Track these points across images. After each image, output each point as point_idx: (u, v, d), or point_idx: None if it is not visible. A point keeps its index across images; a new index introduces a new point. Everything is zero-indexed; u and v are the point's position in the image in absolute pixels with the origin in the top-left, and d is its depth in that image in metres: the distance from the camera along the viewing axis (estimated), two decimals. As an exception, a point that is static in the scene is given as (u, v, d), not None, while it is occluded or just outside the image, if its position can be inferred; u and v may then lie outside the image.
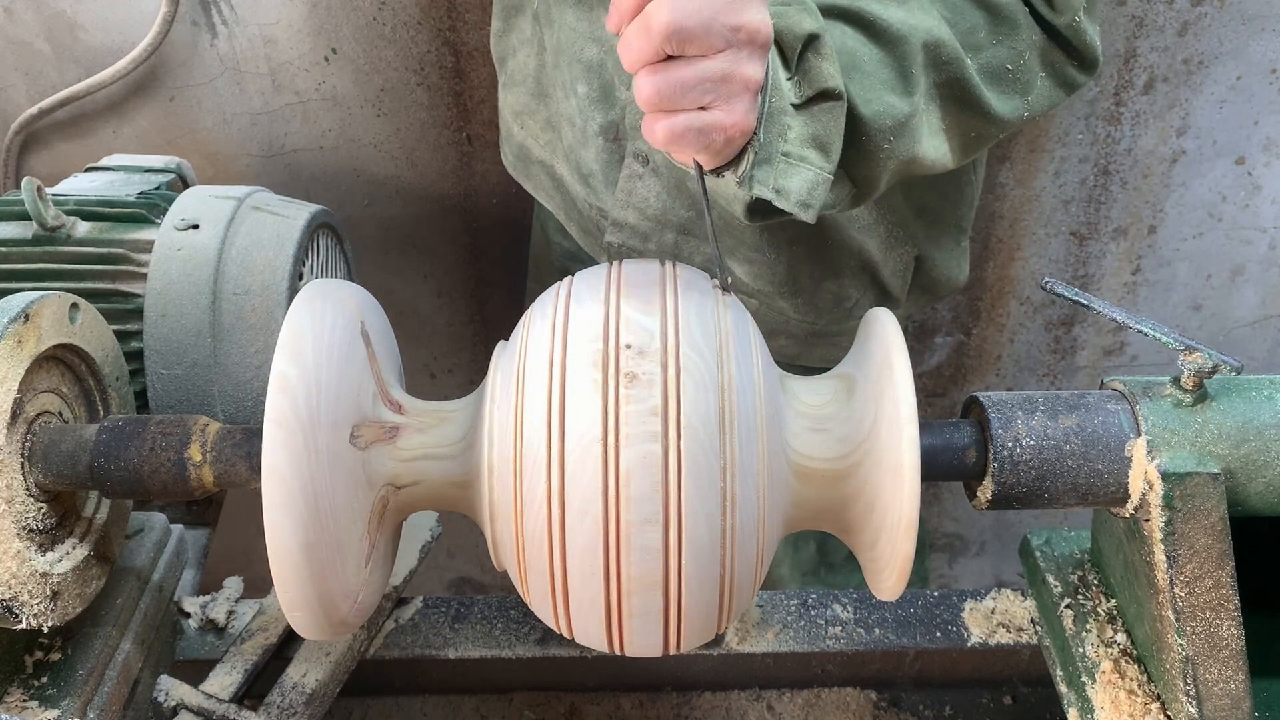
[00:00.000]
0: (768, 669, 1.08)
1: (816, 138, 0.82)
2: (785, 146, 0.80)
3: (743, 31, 0.70)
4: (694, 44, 0.69)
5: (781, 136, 0.80)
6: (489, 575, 2.17)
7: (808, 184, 0.81)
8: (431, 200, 1.66)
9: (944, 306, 1.78)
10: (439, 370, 1.87)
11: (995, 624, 1.04)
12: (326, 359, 0.73)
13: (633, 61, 0.71)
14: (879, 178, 0.89)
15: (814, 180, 0.82)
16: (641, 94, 0.71)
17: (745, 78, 0.72)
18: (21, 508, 0.77)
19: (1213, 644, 0.77)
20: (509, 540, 0.74)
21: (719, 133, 0.72)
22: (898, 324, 0.78)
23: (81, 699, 0.84)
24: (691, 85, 0.70)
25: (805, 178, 0.81)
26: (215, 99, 1.55)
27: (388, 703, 1.12)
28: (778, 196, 0.81)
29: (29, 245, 1.06)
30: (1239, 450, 0.77)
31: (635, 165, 1.12)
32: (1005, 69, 0.93)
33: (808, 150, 0.81)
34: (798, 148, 0.81)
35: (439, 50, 1.52)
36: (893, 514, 0.74)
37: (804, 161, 0.81)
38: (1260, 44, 1.50)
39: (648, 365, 0.70)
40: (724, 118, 0.72)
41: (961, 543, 2.13)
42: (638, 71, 0.71)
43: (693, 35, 0.68)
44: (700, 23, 0.68)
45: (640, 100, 0.71)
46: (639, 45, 0.69)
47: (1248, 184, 1.64)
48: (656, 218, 1.14)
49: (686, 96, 0.70)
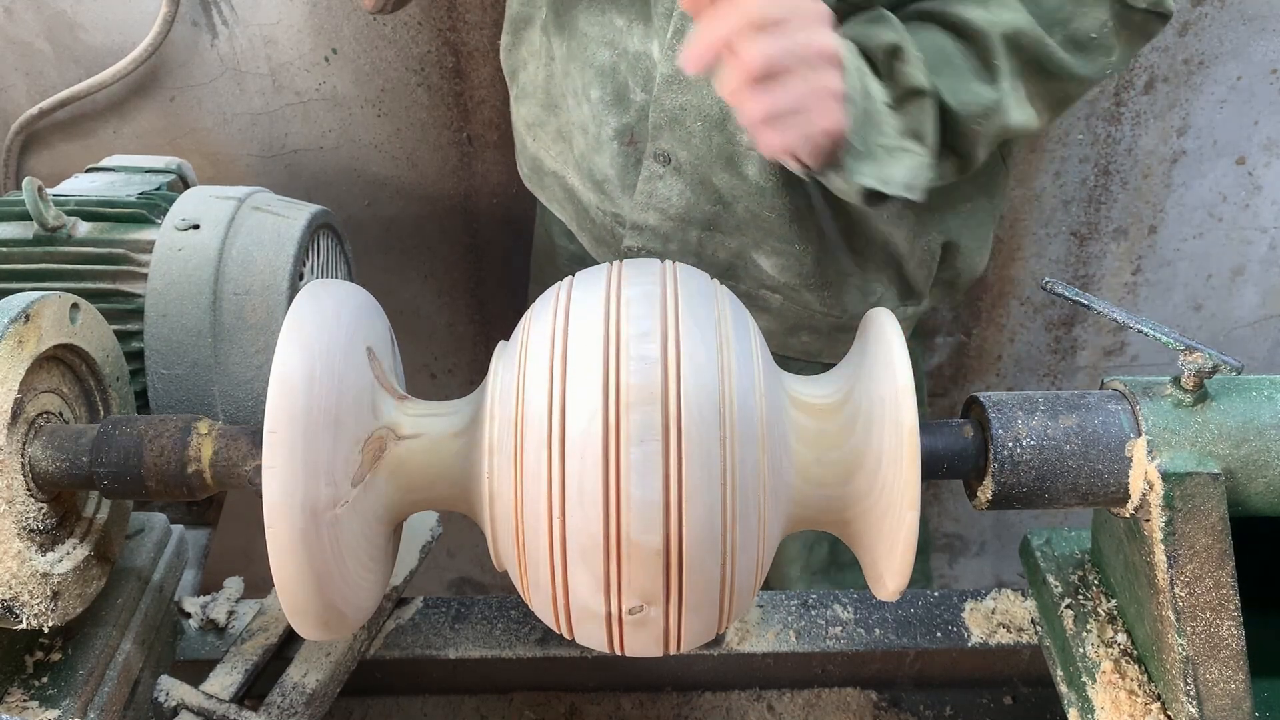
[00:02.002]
0: (768, 669, 1.08)
1: (912, 130, 0.94)
2: (884, 140, 0.92)
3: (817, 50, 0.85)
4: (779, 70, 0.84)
5: (880, 132, 0.92)
6: (489, 575, 2.17)
7: (909, 170, 0.94)
8: (432, 200, 1.66)
9: (944, 307, 1.78)
10: (439, 370, 1.87)
11: (995, 624, 1.04)
12: (327, 359, 0.73)
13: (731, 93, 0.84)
14: (977, 150, 1.01)
15: (914, 165, 0.94)
16: (750, 118, 0.85)
17: (829, 87, 0.86)
18: (22, 508, 0.77)
19: (1213, 644, 0.77)
20: (509, 540, 0.74)
21: (824, 137, 0.87)
22: (897, 323, 0.78)
23: (82, 699, 0.84)
24: (790, 107, 0.84)
25: (906, 165, 0.93)
26: (215, 99, 1.55)
27: (388, 703, 1.12)
28: (884, 184, 0.93)
29: (30, 245, 1.06)
30: (1239, 450, 0.77)
31: (655, 166, 1.12)
32: (1090, 37, 1.00)
33: (906, 141, 0.94)
34: (896, 140, 0.93)
35: (439, 50, 1.52)
36: (893, 513, 0.74)
37: (904, 151, 0.93)
38: (1261, 44, 1.50)
39: (648, 365, 0.70)
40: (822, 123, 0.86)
41: (962, 543, 2.13)
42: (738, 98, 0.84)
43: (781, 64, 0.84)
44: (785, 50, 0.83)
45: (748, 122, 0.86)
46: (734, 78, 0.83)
47: (1248, 184, 1.64)
48: (680, 216, 1.14)
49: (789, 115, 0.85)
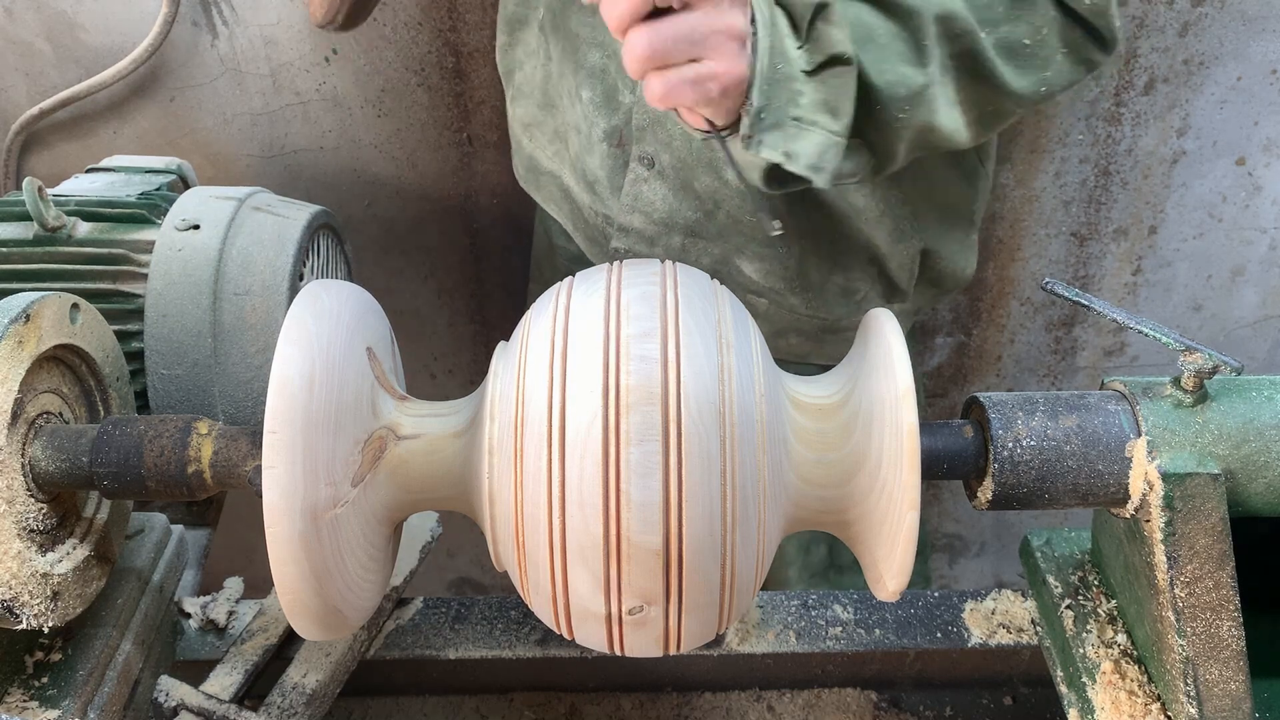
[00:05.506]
0: (768, 669, 1.08)
1: (827, 103, 0.84)
2: (796, 111, 0.83)
3: None
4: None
5: (793, 102, 0.82)
6: (489, 575, 2.17)
7: (818, 147, 0.84)
8: (432, 201, 1.66)
9: (944, 307, 1.78)
10: (439, 371, 1.87)
11: (995, 624, 1.04)
12: (327, 360, 0.73)
13: (619, 18, 0.73)
14: (896, 147, 0.92)
15: (824, 143, 0.84)
16: (635, 52, 0.73)
17: (730, 25, 0.75)
18: (22, 508, 0.77)
19: (1213, 645, 0.77)
20: (509, 541, 0.74)
21: (713, 82, 0.76)
22: (897, 323, 0.78)
23: (82, 699, 0.84)
24: (682, 36, 0.73)
25: (816, 141, 0.84)
26: (216, 99, 1.55)
27: (388, 703, 1.12)
28: (788, 160, 0.84)
29: (30, 245, 1.06)
30: (1239, 451, 0.77)
31: (640, 169, 1.12)
32: (1022, 44, 0.94)
33: (819, 115, 0.84)
34: (809, 112, 0.83)
35: (439, 51, 1.52)
36: (894, 514, 0.74)
37: (815, 125, 0.84)
38: (1260, 44, 1.50)
39: (648, 365, 0.70)
40: (715, 66, 0.75)
41: (962, 543, 2.13)
42: (626, 32, 0.73)
43: None
44: None
45: (634, 60, 0.73)
46: (624, 2, 0.72)
47: (1248, 184, 1.64)
48: (663, 221, 1.14)
49: (678, 48, 0.73)
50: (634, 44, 0.73)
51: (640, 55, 0.73)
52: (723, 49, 0.75)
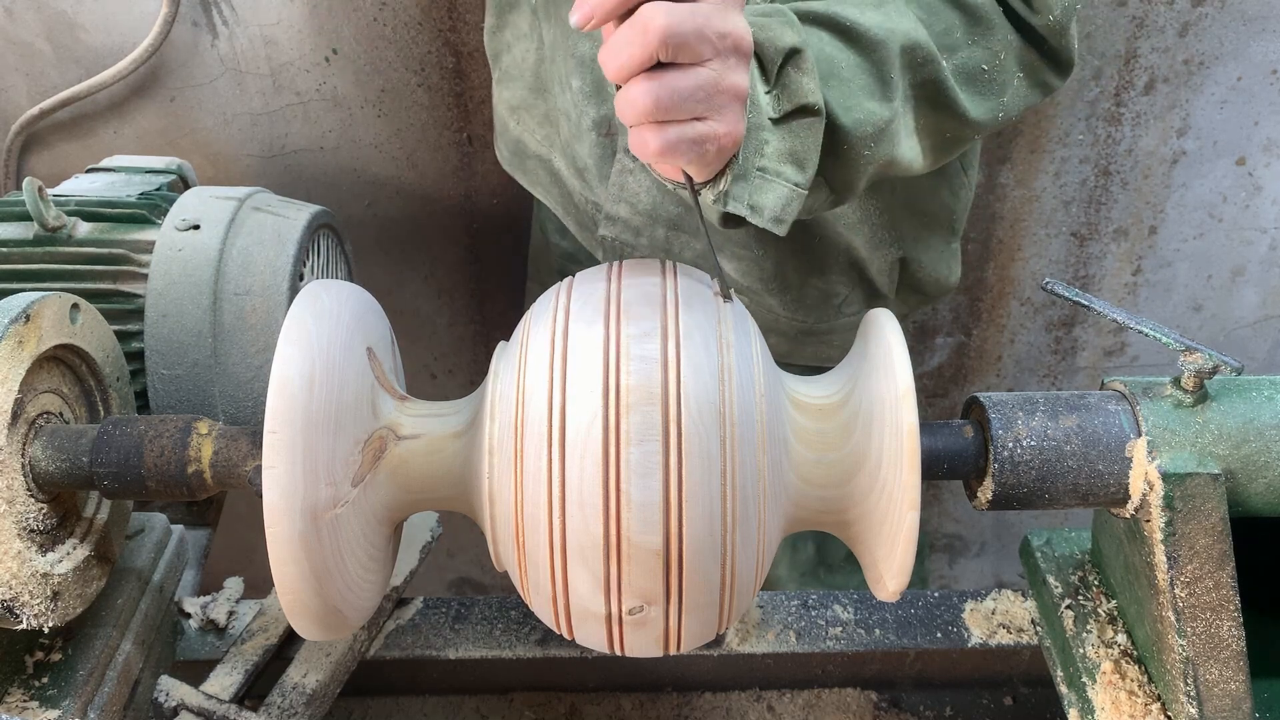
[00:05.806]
0: (768, 669, 1.08)
1: (793, 153, 0.80)
2: (761, 162, 0.79)
3: (729, 39, 0.68)
4: (687, 50, 0.66)
5: (758, 152, 0.79)
6: (489, 575, 2.18)
7: (781, 200, 0.80)
8: (432, 201, 1.66)
9: (944, 307, 1.78)
10: (439, 370, 1.87)
11: (995, 624, 1.04)
12: (327, 360, 0.73)
13: (622, 67, 0.67)
14: (857, 182, 0.89)
15: (788, 197, 0.81)
16: (636, 105, 0.67)
17: (735, 86, 0.70)
18: (22, 508, 0.77)
19: (1213, 645, 0.77)
20: (509, 541, 0.74)
21: (713, 143, 0.71)
22: (898, 323, 0.78)
23: (82, 699, 0.84)
24: (688, 94, 0.67)
25: (779, 194, 0.80)
26: (216, 99, 1.55)
27: (388, 703, 1.12)
28: (752, 213, 0.80)
29: (30, 246, 1.06)
30: (1239, 451, 0.77)
31: (626, 160, 1.12)
32: (980, 70, 0.92)
33: (784, 166, 0.80)
34: (774, 163, 0.80)
35: (439, 51, 1.52)
36: (894, 514, 0.74)
37: (779, 177, 0.80)
38: (1260, 44, 1.50)
39: (648, 366, 0.70)
40: (718, 127, 0.70)
41: (961, 543, 2.13)
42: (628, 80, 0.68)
43: (687, 41, 0.66)
44: (694, 28, 0.66)
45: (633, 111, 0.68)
46: (631, 51, 0.66)
47: (1248, 184, 1.64)
48: (647, 213, 1.14)
49: (683, 106, 0.68)
50: (635, 97, 0.67)
51: (642, 109, 0.67)
52: (728, 110, 0.71)
